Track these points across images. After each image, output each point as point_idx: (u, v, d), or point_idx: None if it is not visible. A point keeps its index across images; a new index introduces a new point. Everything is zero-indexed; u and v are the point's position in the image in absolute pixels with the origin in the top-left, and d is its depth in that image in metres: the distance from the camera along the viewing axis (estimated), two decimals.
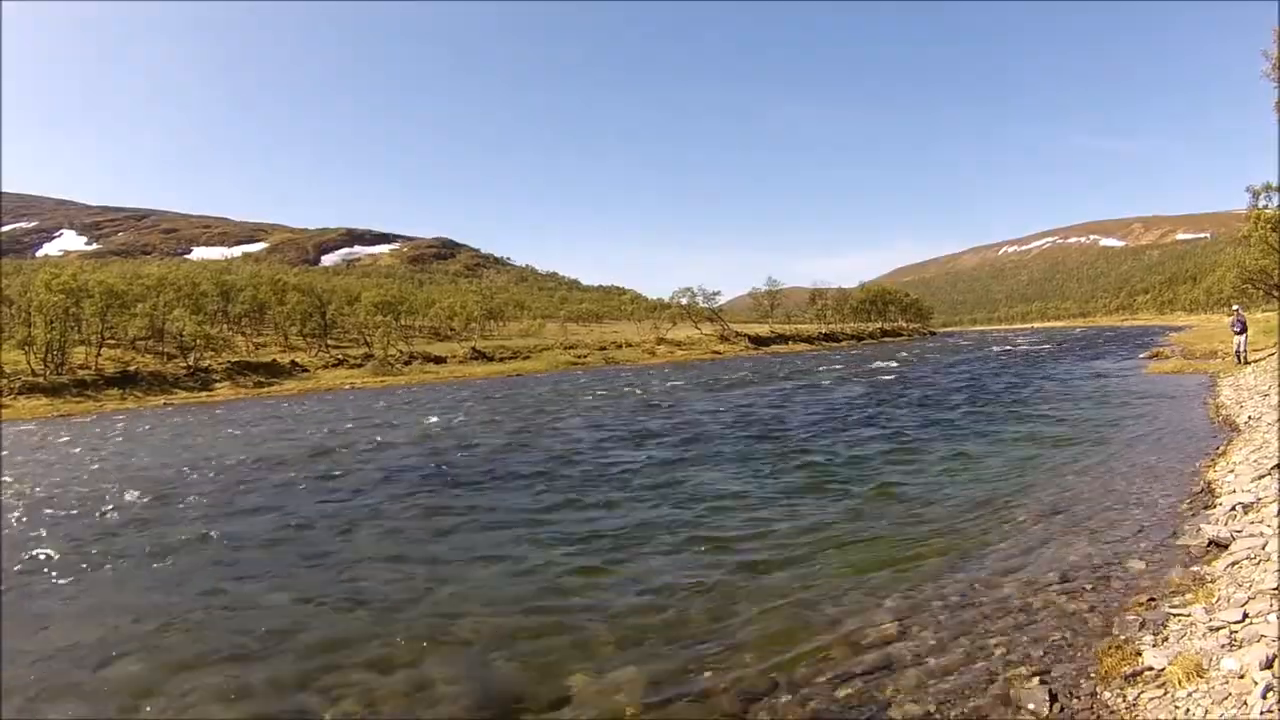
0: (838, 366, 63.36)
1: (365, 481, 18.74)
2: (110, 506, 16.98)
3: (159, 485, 19.62)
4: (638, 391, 46.16)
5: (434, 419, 34.52)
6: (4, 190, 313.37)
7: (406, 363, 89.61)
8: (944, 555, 10.48)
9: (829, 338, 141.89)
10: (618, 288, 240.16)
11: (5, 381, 61.87)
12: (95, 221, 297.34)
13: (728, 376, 56.76)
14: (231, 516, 15.49)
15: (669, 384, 51.38)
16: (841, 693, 6.84)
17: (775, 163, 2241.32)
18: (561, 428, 28.98)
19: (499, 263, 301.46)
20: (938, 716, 6.35)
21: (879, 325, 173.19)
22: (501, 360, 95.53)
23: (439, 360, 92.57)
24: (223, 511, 16.01)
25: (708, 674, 7.35)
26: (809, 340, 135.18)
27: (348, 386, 71.73)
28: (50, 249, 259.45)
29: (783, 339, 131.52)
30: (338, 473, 20.20)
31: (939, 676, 7.00)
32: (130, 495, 18.01)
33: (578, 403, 40.81)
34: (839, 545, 11.25)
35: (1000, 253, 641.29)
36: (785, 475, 16.85)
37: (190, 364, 77.82)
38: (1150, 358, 47.00)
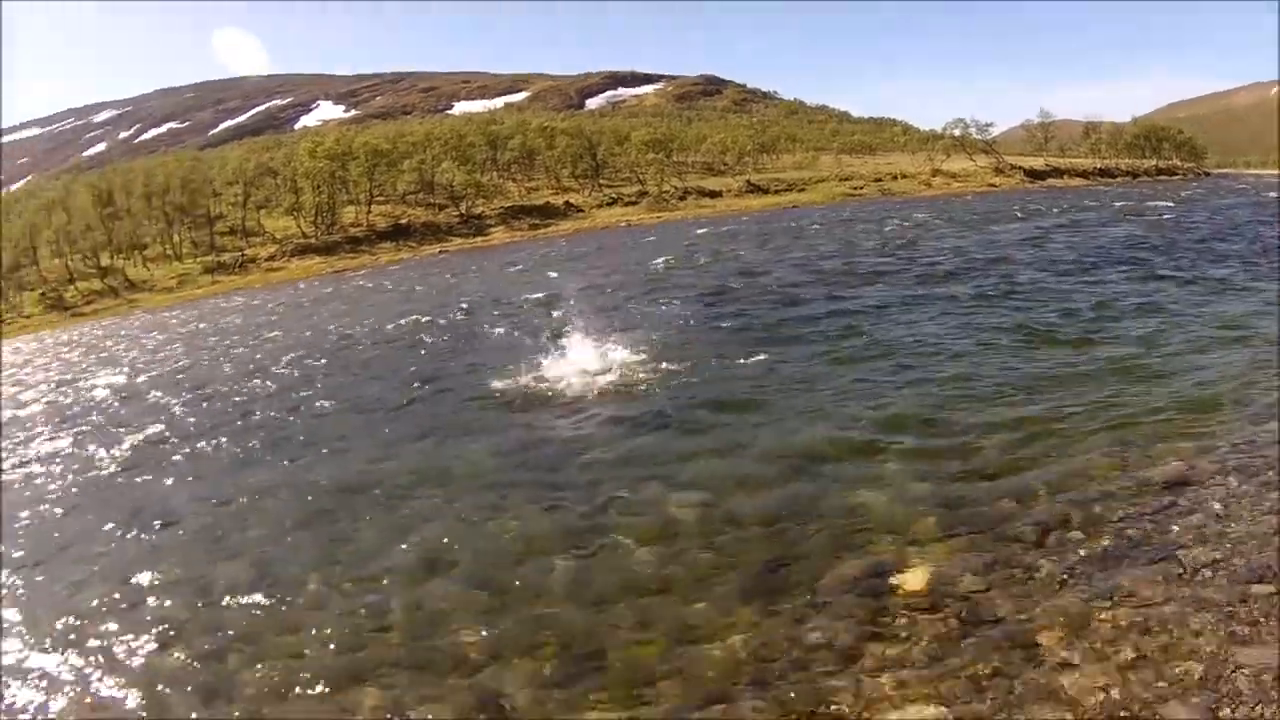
0: (1120, 203, 59.57)
1: None
2: None
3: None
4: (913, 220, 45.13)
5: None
6: (265, 73, 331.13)
7: (681, 198, 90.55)
8: (1234, 403, 9.47)
9: (1104, 173, 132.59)
10: (889, 119, 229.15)
11: (278, 246, 66.21)
12: (351, 90, 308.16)
13: (1011, 210, 54.01)
14: None
15: (945, 216, 49.68)
16: (1130, 530, 6.60)
17: None
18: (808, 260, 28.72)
19: (767, 97, 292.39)
20: (1223, 562, 6.24)
21: (1154, 163, 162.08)
22: (776, 193, 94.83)
23: (714, 195, 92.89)
24: None
25: (1004, 503, 7.33)
26: (1084, 175, 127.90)
27: (623, 224, 73.05)
28: (308, 120, 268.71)
29: (1058, 172, 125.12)
30: None
31: (1226, 523, 6.59)
32: None
33: (835, 234, 40.35)
34: (1123, 380, 10.64)
35: (1275, 91, 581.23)
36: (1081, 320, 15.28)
37: (462, 212, 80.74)
38: None
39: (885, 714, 4.93)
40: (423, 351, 19.12)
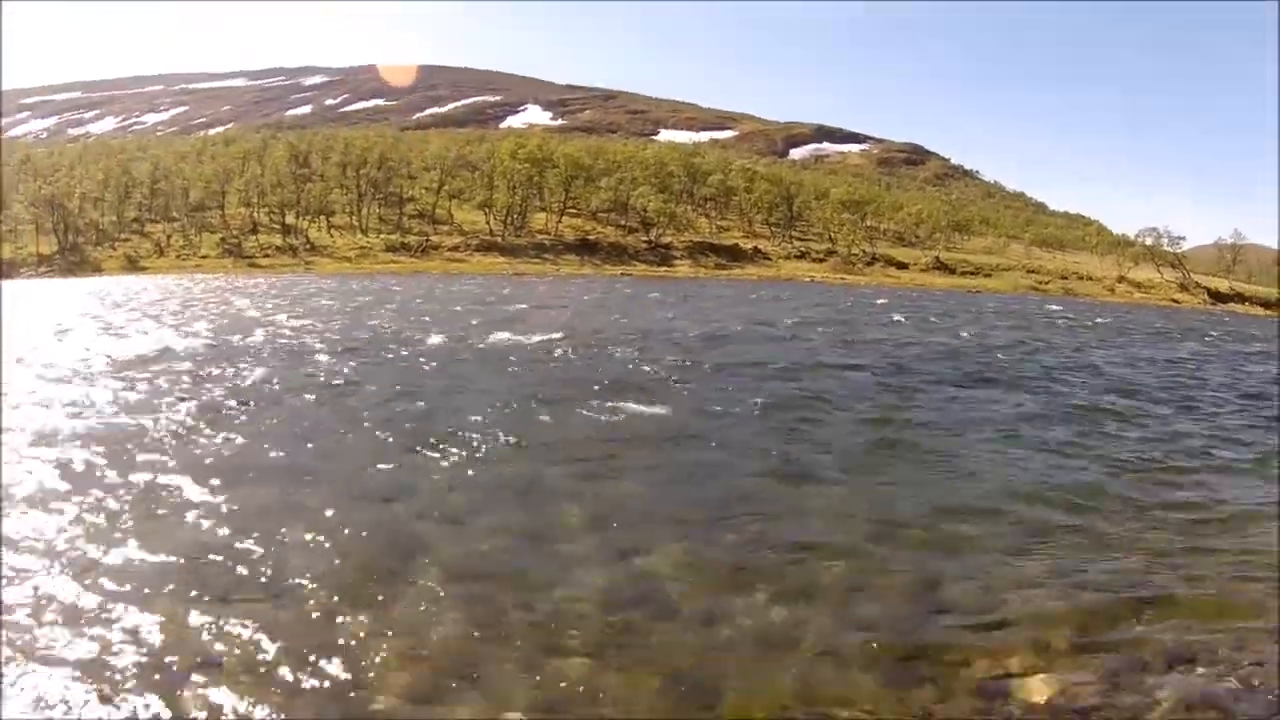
0: None
1: None
2: None
3: None
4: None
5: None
6: (473, 66, 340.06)
7: (869, 263, 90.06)
8: None
9: None
10: (1083, 217, 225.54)
11: (463, 239, 67.58)
12: (561, 99, 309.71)
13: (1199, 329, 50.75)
14: None
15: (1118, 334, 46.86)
16: (1259, 679, 6.00)
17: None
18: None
19: (967, 175, 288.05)
20: None
21: None
22: (962, 274, 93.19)
23: (901, 266, 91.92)
24: None
25: (1143, 626, 6.81)
26: (1265, 305, 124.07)
27: (808, 279, 72.45)
28: (514, 121, 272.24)
29: (1240, 298, 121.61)
30: None
31: None
32: None
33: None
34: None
35: None
36: None
37: (651, 239, 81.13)
38: None
39: None
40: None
